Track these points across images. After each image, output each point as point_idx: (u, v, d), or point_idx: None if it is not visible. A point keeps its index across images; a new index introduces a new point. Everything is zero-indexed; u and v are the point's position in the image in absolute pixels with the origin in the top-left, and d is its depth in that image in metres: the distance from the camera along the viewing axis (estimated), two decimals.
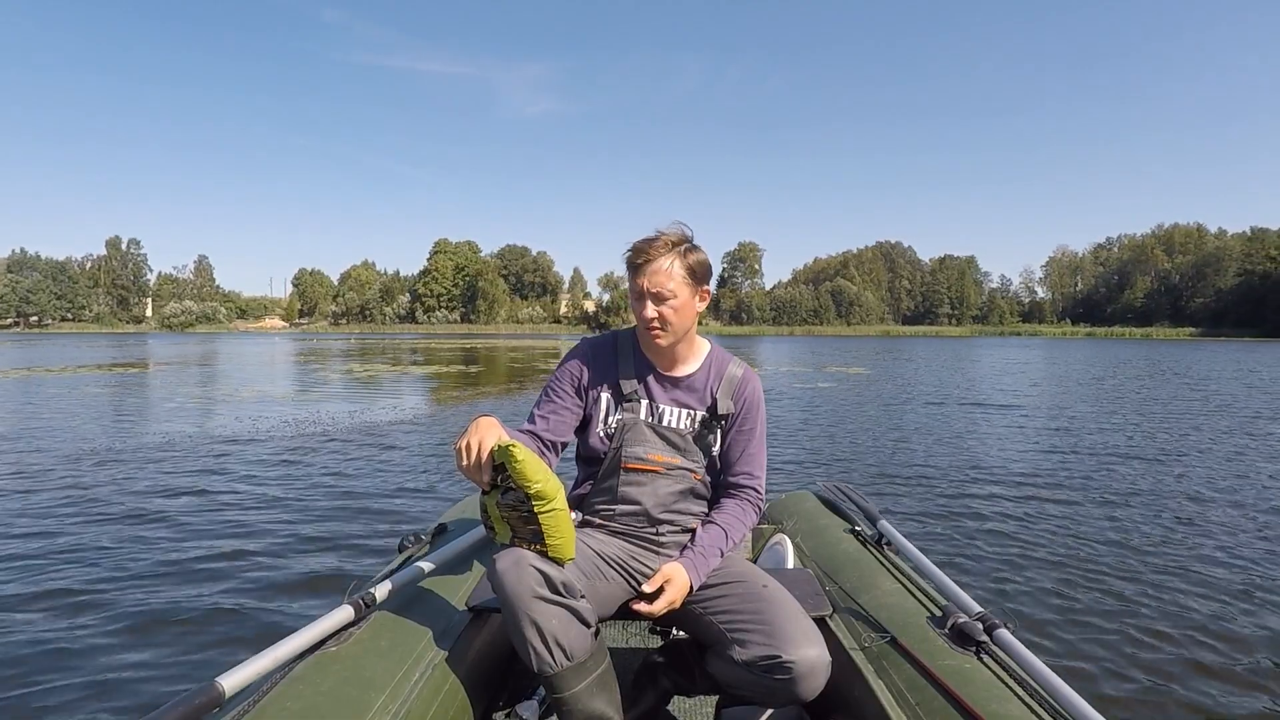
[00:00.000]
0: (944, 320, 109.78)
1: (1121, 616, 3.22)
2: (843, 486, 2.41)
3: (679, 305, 1.66)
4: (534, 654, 1.42)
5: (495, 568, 1.45)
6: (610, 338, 1.82)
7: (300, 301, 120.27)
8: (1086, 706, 1.19)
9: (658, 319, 1.66)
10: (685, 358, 1.77)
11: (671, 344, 1.71)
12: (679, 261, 1.66)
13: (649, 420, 1.73)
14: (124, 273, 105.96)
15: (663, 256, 1.65)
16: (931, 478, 6.18)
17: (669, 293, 1.64)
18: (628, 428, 1.71)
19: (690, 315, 1.71)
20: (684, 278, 1.66)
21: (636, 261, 1.66)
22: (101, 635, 2.96)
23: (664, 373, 1.76)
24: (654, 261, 1.64)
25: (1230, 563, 3.98)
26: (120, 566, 3.77)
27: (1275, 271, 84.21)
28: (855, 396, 13.75)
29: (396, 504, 5.22)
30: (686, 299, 1.68)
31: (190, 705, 1.15)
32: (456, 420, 10.02)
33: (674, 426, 1.73)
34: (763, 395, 1.81)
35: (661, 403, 1.75)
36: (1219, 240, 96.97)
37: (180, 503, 5.14)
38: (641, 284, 1.66)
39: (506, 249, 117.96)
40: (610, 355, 1.79)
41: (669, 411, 1.74)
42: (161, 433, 8.45)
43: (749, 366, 1.82)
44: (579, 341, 1.84)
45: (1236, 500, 5.45)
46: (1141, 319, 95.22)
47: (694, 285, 1.69)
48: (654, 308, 1.65)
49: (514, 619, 1.42)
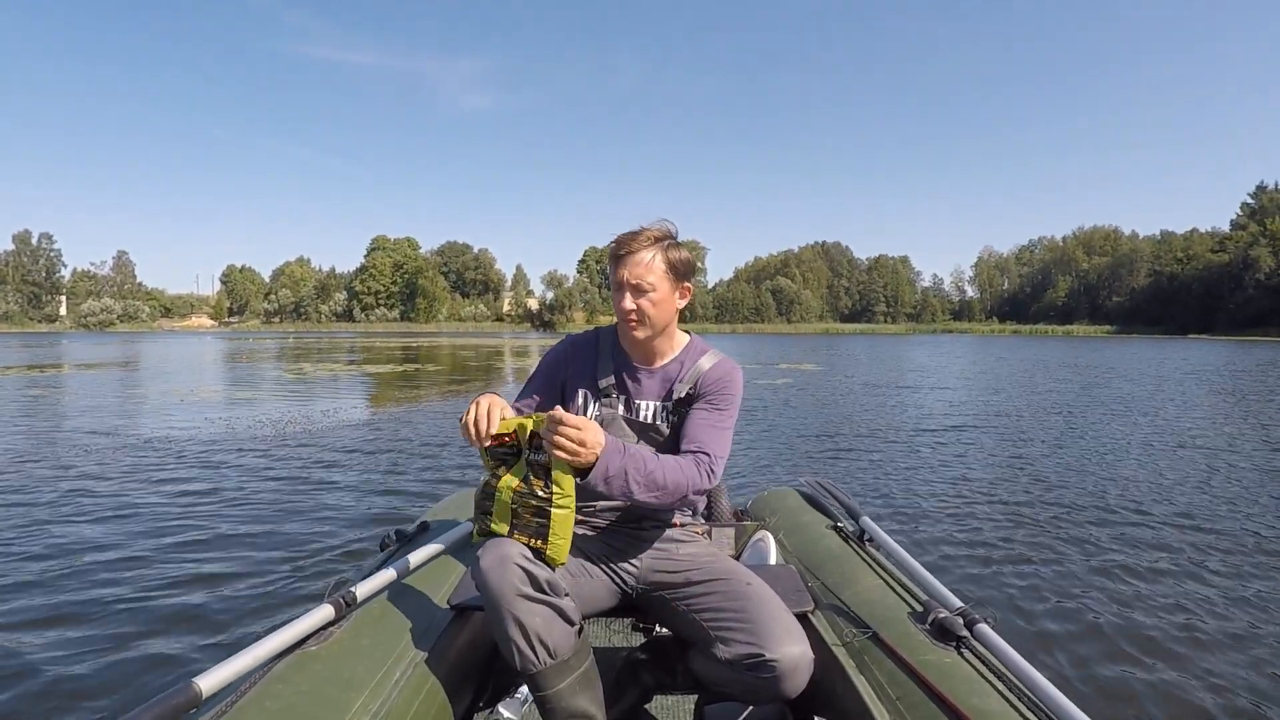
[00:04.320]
0: (880, 318, 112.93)
1: (1100, 610, 3.28)
2: (825, 483, 2.43)
3: (658, 299, 1.66)
4: (517, 652, 1.42)
5: (480, 565, 1.44)
6: (593, 335, 1.83)
7: (230, 299, 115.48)
8: (1065, 700, 1.22)
9: (636, 311, 1.65)
10: (664, 352, 1.76)
11: (649, 338, 1.70)
12: (660, 255, 1.66)
13: (627, 416, 1.72)
14: (35, 269, 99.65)
15: (645, 249, 1.64)
16: (905, 468, 6.38)
17: (649, 285, 1.64)
18: (605, 423, 1.68)
19: (670, 310, 1.70)
20: (665, 272, 1.66)
21: (619, 253, 1.65)
22: (75, 637, 2.90)
23: (642, 367, 1.75)
24: (635, 254, 1.64)
25: (1209, 556, 4.06)
26: (92, 568, 3.68)
27: (1181, 273, 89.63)
28: (818, 392, 14.06)
29: (377, 502, 5.16)
30: (666, 293, 1.68)
31: (167, 706, 1.13)
32: (431, 417, 9.90)
33: (651, 421, 1.72)
34: (738, 387, 1.73)
35: (638, 398, 1.73)
36: (1132, 242, 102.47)
37: (155, 504, 4.98)
38: (622, 275, 1.65)
39: (447, 246, 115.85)
40: (591, 351, 1.79)
41: (644, 406, 1.73)
42: (130, 433, 8.09)
43: (729, 359, 1.77)
44: (564, 338, 1.85)
45: (1211, 492, 5.65)
46: (1063, 316, 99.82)
47: (675, 281, 1.69)
48: (633, 299, 1.65)
49: (497, 616, 1.41)
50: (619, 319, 1.71)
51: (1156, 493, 5.61)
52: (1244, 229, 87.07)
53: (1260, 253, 79.16)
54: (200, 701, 1.19)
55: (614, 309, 1.71)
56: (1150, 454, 7.30)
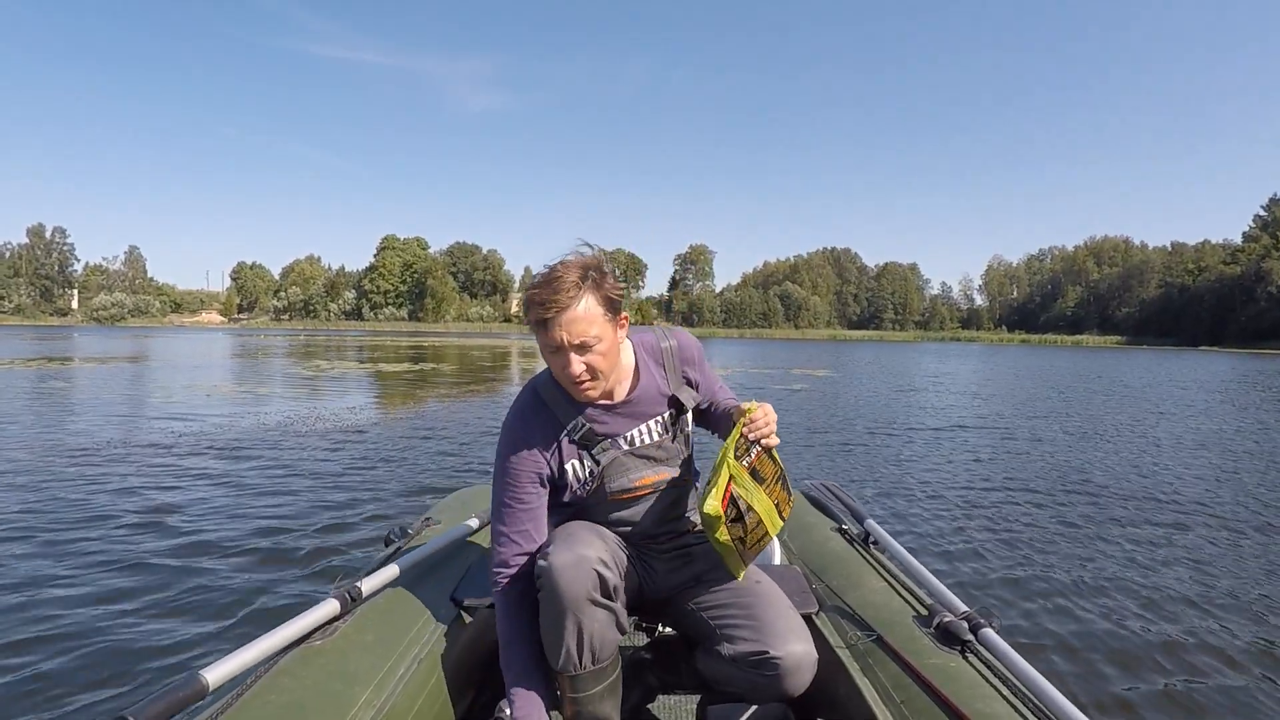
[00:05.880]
0: (888, 325, 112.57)
1: (1106, 616, 3.25)
2: (830, 485, 2.43)
3: (606, 348, 1.40)
4: (565, 652, 1.39)
5: (552, 562, 1.36)
6: (532, 395, 1.53)
7: (240, 296, 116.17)
8: (1070, 706, 1.21)
9: (588, 371, 1.39)
10: (623, 377, 1.54)
11: (605, 387, 1.49)
12: (593, 296, 1.37)
13: (626, 450, 1.56)
14: (48, 262, 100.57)
15: (574, 300, 1.35)
16: (927, 473, 6.37)
17: (592, 339, 1.37)
18: (606, 467, 1.54)
19: (618, 348, 1.46)
20: (602, 314, 1.38)
21: (544, 317, 1.35)
22: (85, 629, 2.91)
23: (611, 403, 1.54)
24: (566, 312, 1.35)
25: (1221, 565, 4.02)
26: (98, 560, 3.70)
27: (1192, 285, 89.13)
28: (834, 398, 13.94)
29: (384, 498, 5.17)
30: (610, 334, 1.41)
31: (174, 698, 1.15)
32: (439, 415, 9.91)
33: (650, 441, 1.59)
34: (692, 338, 1.65)
35: (627, 429, 1.56)
36: (1143, 253, 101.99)
37: (165, 498, 5.01)
38: (559, 338, 1.36)
39: (456, 246, 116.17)
40: (545, 414, 1.51)
41: (639, 433, 1.57)
42: (148, 427, 8.11)
43: (668, 327, 1.66)
44: (506, 420, 1.54)
45: (1230, 501, 5.61)
46: (1072, 327, 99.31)
47: (613, 317, 1.42)
48: (579, 360, 1.38)
49: (558, 615, 1.37)
50: (566, 386, 1.45)
51: (1167, 501, 5.57)
52: (1256, 241, 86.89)
53: (1273, 265, 78.71)
54: (206, 694, 1.20)
55: (555, 375, 1.45)
56: (1161, 462, 7.24)
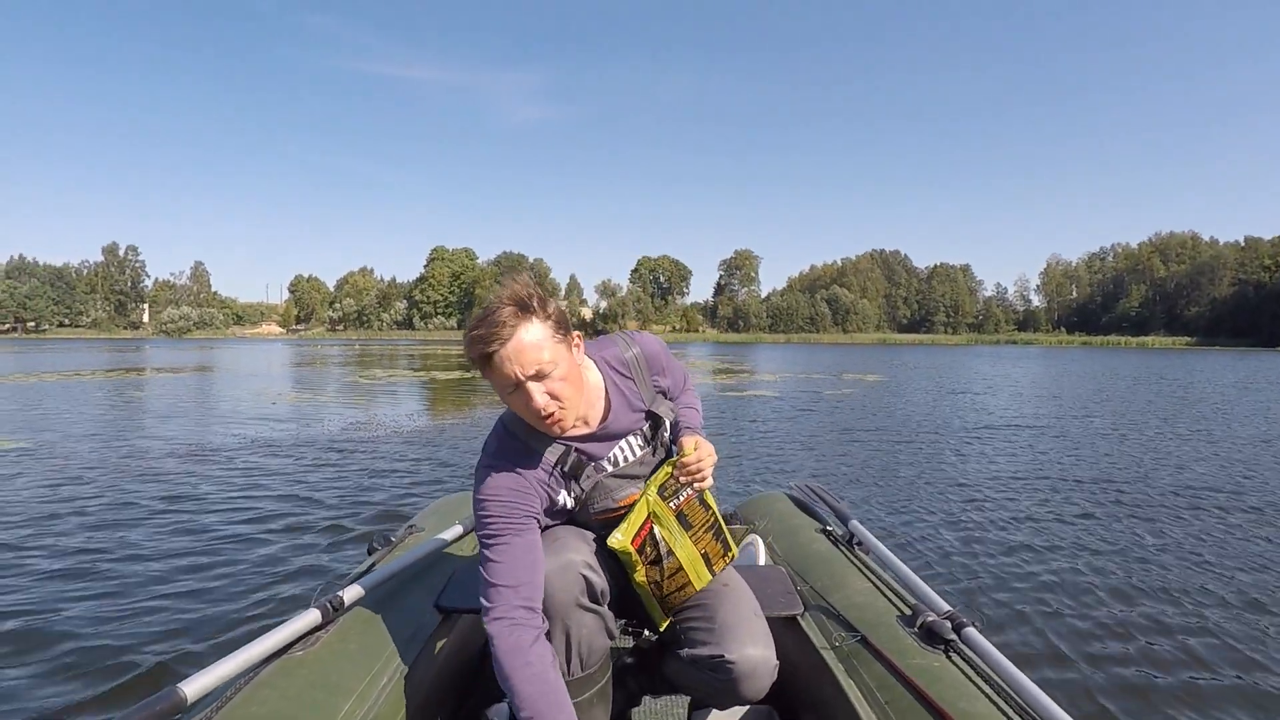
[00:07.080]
0: (940, 328, 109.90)
1: (1087, 615, 3.26)
2: (814, 487, 2.41)
3: (565, 371, 1.34)
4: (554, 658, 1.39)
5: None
6: (504, 432, 1.45)
7: (297, 308, 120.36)
8: (1051, 704, 1.21)
9: (553, 400, 1.33)
10: (594, 400, 1.47)
11: (577, 414, 1.42)
12: (538, 321, 1.32)
13: (610, 472, 1.51)
14: (121, 279, 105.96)
15: (519, 328, 1.30)
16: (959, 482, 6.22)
17: (548, 365, 1.31)
18: (590, 492, 1.50)
19: (579, 372, 1.40)
20: (551, 337, 1.33)
21: (488, 351, 1.29)
22: (59, 638, 2.88)
23: (590, 430, 1.47)
24: (510, 342, 1.29)
25: (1201, 562, 4.03)
26: (81, 567, 3.73)
27: (1269, 281, 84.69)
28: (887, 404, 13.66)
29: (376, 502, 5.23)
30: (567, 357, 1.35)
31: (151, 712, 1.13)
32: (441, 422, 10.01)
33: (633, 459, 1.53)
34: (656, 341, 1.60)
35: (608, 451, 1.50)
36: (1213, 249, 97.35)
37: (150, 506, 5.09)
38: (512, 373, 1.30)
39: (503, 256, 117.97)
40: (523, 450, 1.43)
41: (619, 452, 1.51)
42: (220, 433, 8.48)
43: (628, 333, 1.59)
44: (481, 464, 1.44)
45: (1213, 503, 5.47)
46: (1137, 328, 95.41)
47: (564, 336, 1.36)
48: (541, 391, 1.31)
49: (548, 622, 1.37)
50: (534, 422, 1.37)
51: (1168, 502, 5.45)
52: None
53: None
54: (185, 708, 1.19)
55: (521, 415, 1.38)
56: (1219, 457, 6.91)
